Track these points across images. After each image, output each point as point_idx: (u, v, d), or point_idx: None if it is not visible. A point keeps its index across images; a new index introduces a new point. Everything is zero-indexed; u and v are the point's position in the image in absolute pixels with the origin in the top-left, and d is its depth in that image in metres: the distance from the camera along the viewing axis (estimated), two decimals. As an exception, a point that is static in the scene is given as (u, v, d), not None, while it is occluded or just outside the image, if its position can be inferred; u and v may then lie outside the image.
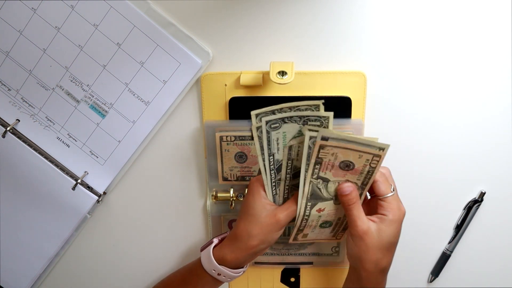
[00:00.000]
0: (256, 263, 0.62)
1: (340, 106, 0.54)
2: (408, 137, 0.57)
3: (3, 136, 0.59)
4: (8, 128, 0.59)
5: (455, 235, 0.60)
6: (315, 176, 0.47)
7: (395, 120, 0.57)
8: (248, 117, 0.55)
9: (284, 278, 0.64)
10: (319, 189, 0.48)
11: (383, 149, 0.44)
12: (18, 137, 0.59)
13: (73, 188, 0.60)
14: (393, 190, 0.48)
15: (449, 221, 0.61)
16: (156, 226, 0.64)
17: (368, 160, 0.45)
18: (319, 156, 0.45)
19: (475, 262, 0.62)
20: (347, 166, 0.46)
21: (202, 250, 0.54)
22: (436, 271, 0.62)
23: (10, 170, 0.61)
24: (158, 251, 0.65)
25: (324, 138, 0.44)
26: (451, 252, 0.61)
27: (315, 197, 0.48)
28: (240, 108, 0.55)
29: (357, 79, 0.54)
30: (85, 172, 0.60)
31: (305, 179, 0.47)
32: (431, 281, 0.63)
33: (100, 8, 0.53)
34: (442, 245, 0.62)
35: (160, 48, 0.54)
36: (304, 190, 0.48)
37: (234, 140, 0.55)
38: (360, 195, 0.48)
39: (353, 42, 0.54)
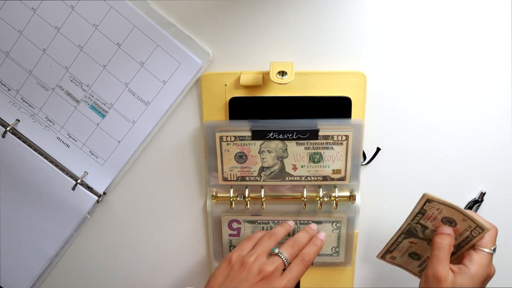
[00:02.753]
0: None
1: (340, 106, 0.54)
2: (408, 137, 0.57)
3: (3, 136, 0.59)
4: (8, 128, 0.59)
5: (455, 235, 0.60)
6: (415, 221, 0.50)
7: (395, 120, 0.57)
8: (248, 117, 0.55)
9: (284, 278, 0.64)
10: (416, 230, 0.51)
11: (482, 229, 0.45)
12: (18, 137, 0.59)
13: (73, 188, 0.60)
14: (493, 251, 0.46)
15: (449, 221, 0.61)
16: (156, 226, 0.64)
17: (470, 226, 0.46)
18: (424, 208, 0.48)
19: (475, 262, 0.62)
20: (449, 222, 0.47)
21: None
22: (436, 271, 0.62)
23: (10, 170, 0.61)
24: (158, 251, 0.65)
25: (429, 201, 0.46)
26: (451, 252, 0.61)
27: (409, 234, 0.52)
28: (240, 108, 0.55)
29: (357, 79, 0.54)
30: (85, 172, 0.60)
31: (406, 220, 0.50)
32: (431, 281, 0.63)
33: (100, 8, 0.53)
34: (442, 245, 0.62)
35: (160, 48, 0.54)
36: (402, 226, 0.51)
37: (234, 140, 0.55)
38: (453, 253, 0.48)
39: (353, 42, 0.54)
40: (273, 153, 0.55)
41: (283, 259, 0.49)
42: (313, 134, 0.54)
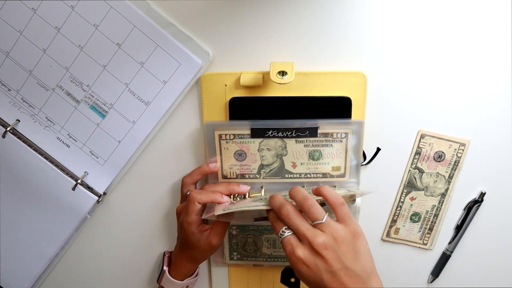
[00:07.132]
0: (256, 264, 0.62)
1: (340, 106, 0.54)
2: (408, 138, 0.57)
3: (3, 136, 0.59)
4: (8, 129, 0.59)
5: (455, 235, 0.60)
6: (413, 166, 0.56)
7: (395, 120, 0.57)
8: (248, 117, 0.55)
9: (284, 278, 0.64)
10: (415, 178, 0.57)
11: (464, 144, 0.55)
12: (18, 137, 0.59)
13: (73, 189, 0.60)
14: (323, 219, 0.46)
15: (449, 221, 0.61)
16: (156, 226, 0.64)
17: (455, 149, 0.55)
18: (419, 146, 0.55)
19: (475, 262, 0.62)
20: (439, 157, 0.55)
21: (160, 282, 0.58)
22: (436, 271, 0.62)
23: (10, 170, 0.61)
24: (158, 251, 0.65)
25: None
26: (451, 252, 0.61)
27: (410, 185, 0.58)
28: (240, 108, 0.55)
29: (357, 79, 0.54)
30: (85, 172, 0.60)
31: (405, 168, 0.58)
32: (431, 282, 0.63)
33: (100, 8, 0.53)
34: (442, 245, 0.62)
35: (160, 48, 0.54)
36: (403, 178, 0.58)
37: (233, 139, 0.55)
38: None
39: (353, 43, 0.54)
40: (272, 151, 0.55)
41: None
42: (312, 132, 0.54)
